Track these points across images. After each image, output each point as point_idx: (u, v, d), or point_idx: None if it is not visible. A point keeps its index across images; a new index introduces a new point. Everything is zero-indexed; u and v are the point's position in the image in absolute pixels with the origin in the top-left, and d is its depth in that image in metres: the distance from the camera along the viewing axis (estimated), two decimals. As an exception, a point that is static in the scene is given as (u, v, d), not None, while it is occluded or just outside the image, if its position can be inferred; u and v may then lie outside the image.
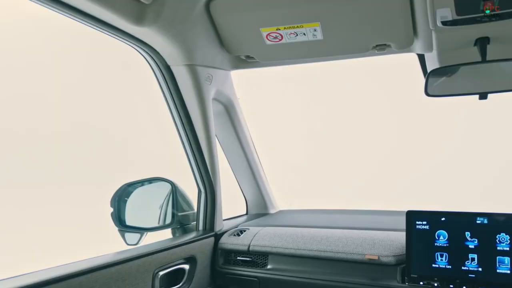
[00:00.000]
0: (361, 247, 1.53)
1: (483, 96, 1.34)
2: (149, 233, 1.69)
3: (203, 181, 1.73)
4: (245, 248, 1.72)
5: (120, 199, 1.66)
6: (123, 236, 1.64)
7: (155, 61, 1.51)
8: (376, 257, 1.48)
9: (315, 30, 1.38)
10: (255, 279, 1.66)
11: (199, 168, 1.71)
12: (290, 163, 3.30)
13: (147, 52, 1.47)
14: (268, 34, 1.43)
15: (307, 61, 1.65)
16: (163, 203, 1.83)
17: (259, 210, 2.23)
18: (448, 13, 1.18)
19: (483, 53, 1.31)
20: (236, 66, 1.72)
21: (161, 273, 1.46)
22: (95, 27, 1.27)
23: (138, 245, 1.61)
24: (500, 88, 1.32)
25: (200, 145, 1.67)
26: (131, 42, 1.41)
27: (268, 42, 1.47)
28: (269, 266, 1.66)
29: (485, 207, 1.40)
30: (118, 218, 1.64)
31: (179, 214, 1.78)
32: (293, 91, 3.15)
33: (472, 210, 1.40)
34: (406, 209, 1.46)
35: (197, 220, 1.79)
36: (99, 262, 1.22)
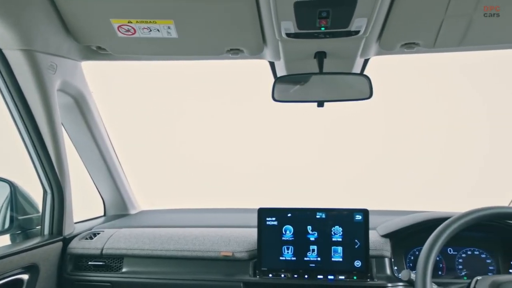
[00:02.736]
0: (217, 244, 1.57)
1: (320, 104, 1.49)
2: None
3: (49, 180, 1.56)
4: (98, 252, 1.61)
5: None
6: None
7: None
8: (230, 254, 1.54)
9: (169, 28, 1.35)
10: (108, 284, 1.58)
11: (43, 166, 1.53)
12: (155, 162, 3.22)
13: None
14: (120, 26, 1.35)
15: (163, 59, 1.60)
16: (1, 206, 1.61)
17: (119, 211, 2.11)
18: (291, 26, 1.26)
19: (321, 65, 1.44)
20: (87, 57, 1.59)
21: None
22: None
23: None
24: (334, 98, 1.48)
25: (44, 141, 1.49)
26: None
27: (120, 35, 1.38)
28: (124, 270, 1.59)
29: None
30: None
31: (20, 217, 1.58)
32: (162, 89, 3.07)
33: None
34: (258, 207, 1.55)
35: (42, 223, 1.62)
36: None
